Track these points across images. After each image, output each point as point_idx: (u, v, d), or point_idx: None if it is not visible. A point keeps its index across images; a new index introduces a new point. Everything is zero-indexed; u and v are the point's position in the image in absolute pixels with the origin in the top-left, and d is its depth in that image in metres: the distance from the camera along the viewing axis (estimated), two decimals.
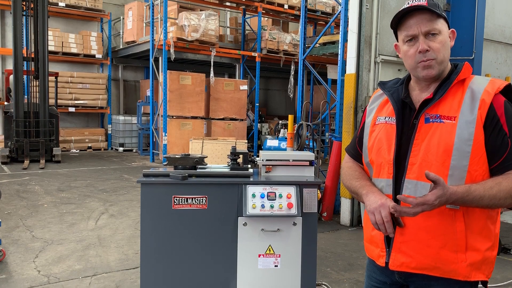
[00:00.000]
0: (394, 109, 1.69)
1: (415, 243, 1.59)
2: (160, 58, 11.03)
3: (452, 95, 1.59)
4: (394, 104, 1.69)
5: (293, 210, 2.41)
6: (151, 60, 11.18)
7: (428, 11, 1.57)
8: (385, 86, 1.79)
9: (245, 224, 2.46)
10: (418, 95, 1.67)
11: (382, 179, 1.69)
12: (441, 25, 1.59)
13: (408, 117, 1.67)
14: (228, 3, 13.29)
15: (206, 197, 2.45)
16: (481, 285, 1.67)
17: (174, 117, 10.85)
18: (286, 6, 13.45)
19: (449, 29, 1.64)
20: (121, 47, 13.89)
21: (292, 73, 13.04)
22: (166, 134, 10.67)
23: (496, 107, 1.53)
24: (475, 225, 1.57)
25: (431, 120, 1.58)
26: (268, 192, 2.42)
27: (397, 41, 1.71)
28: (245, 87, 12.12)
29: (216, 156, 8.83)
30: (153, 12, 11.23)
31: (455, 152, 1.52)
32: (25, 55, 10.31)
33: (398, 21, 1.64)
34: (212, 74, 11.38)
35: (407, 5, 1.60)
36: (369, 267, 1.86)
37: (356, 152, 1.90)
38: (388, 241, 1.66)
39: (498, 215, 1.65)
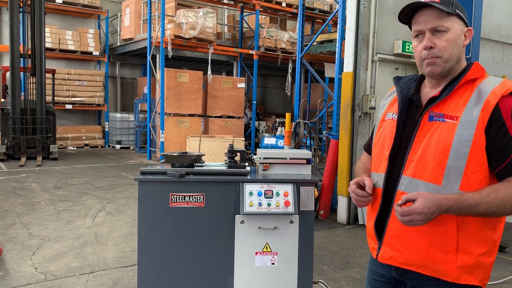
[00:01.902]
0: (399, 105, 1.69)
1: (404, 238, 1.59)
2: (157, 56, 11.01)
3: (460, 94, 1.56)
4: (400, 100, 1.70)
5: (290, 208, 2.42)
6: (149, 57, 11.16)
7: (436, 8, 1.53)
8: (400, 82, 1.78)
9: (242, 222, 2.47)
10: (427, 92, 1.66)
11: (378, 173, 1.71)
12: (452, 22, 1.55)
13: (413, 114, 1.66)
14: (225, 1, 13.27)
15: (203, 195, 2.45)
16: None
17: (172, 114, 10.83)
18: (284, 4, 13.44)
19: (466, 27, 1.60)
20: (118, 44, 13.85)
21: (290, 71, 13.04)
22: (164, 132, 10.66)
23: (502, 109, 1.48)
24: (469, 228, 1.53)
25: (434, 118, 1.56)
26: (265, 190, 2.43)
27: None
28: (242, 85, 12.11)
29: (213, 154, 8.83)
30: (150, 9, 11.20)
31: (453, 153, 1.49)
32: (22, 52, 10.26)
33: (411, 15, 1.62)
34: (209, 71, 11.36)
35: (416, 0, 1.58)
36: (370, 260, 1.87)
37: (370, 148, 1.91)
38: (380, 234, 1.67)
39: (501, 223, 1.60)
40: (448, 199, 1.44)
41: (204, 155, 2.75)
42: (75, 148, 12.93)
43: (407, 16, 1.62)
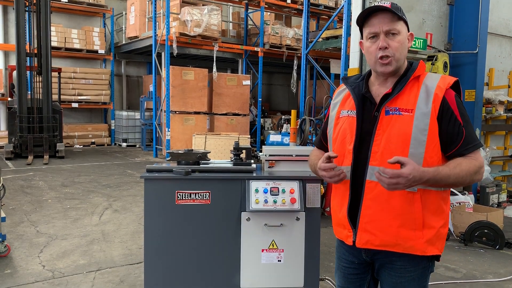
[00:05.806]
0: (355, 103, 1.84)
1: (378, 223, 1.76)
2: (162, 54, 11.02)
3: (409, 90, 1.75)
4: (355, 98, 1.84)
5: (296, 205, 2.41)
6: (154, 55, 11.17)
7: (390, 12, 1.74)
8: (348, 81, 1.94)
9: (248, 219, 2.47)
10: (378, 89, 1.83)
11: (344, 167, 1.83)
12: (401, 26, 1.76)
13: (369, 110, 1.82)
14: None
15: (209, 192, 2.45)
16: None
17: (177, 112, 10.85)
18: (289, 1, 13.38)
19: (408, 32, 1.81)
20: (123, 42, 13.88)
21: (295, 68, 13.00)
22: (169, 130, 10.68)
23: (448, 100, 1.71)
24: (430, 205, 1.74)
25: (390, 112, 1.74)
26: (271, 187, 2.43)
27: (362, 38, 1.87)
28: (247, 82, 12.09)
29: (219, 151, 8.84)
30: (155, 7, 11.20)
31: (413, 141, 1.69)
32: (28, 51, 10.30)
33: (364, 19, 1.80)
34: (214, 69, 11.36)
35: (373, 5, 1.77)
36: (338, 249, 2.03)
37: (321, 144, 2.07)
38: (354, 221, 1.81)
39: (449, 196, 1.84)
40: (428, 172, 1.62)
41: (209, 152, 2.74)
42: (81, 146, 12.99)
43: (362, 20, 1.80)
